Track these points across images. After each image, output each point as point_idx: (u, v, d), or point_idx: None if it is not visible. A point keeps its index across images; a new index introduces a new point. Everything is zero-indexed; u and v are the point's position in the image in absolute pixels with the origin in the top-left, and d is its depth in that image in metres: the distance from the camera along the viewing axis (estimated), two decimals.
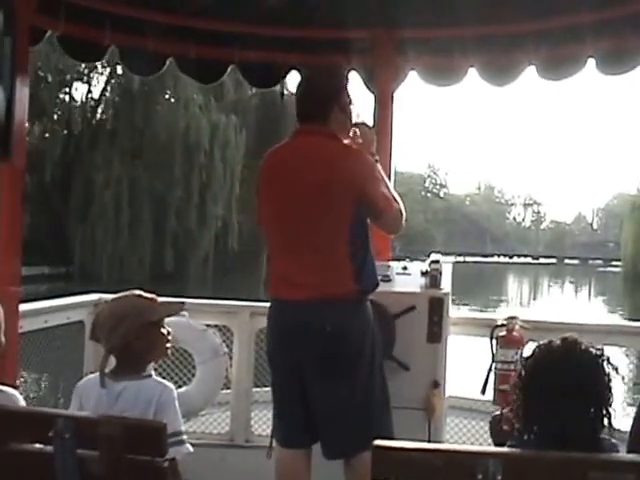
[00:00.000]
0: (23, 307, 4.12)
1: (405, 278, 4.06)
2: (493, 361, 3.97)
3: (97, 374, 2.71)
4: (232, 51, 4.95)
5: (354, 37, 4.95)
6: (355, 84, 4.98)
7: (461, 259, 68.00)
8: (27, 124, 4.23)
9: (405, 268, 4.15)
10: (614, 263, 77.45)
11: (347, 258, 3.28)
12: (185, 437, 2.63)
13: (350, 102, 3.50)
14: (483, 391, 4.06)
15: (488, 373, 3.99)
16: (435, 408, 3.78)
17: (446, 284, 3.90)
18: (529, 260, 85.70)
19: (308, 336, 3.26)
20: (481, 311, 27.95)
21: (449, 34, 4.86)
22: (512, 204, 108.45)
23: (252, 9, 4.67)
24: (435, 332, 3.78)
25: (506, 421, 2.87)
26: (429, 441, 3.69)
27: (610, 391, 2.21)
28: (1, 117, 3.97)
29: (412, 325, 3.77)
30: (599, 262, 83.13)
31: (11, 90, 4.00)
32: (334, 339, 3.23)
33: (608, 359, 2.24)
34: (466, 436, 4.67)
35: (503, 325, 4.03)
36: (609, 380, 2.21)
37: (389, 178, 3.75)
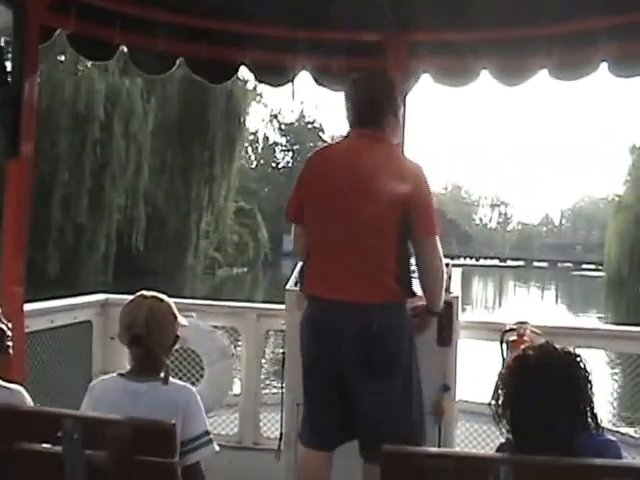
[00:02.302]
0: (29, 307, 4.12)
1: (415, 282, 4.03)
2: (503, 365, 3.94)
3: (114, 375, 2.71)
4: (243, 51, 4.94)
5: (367, 39, 4.94)
6: None
7: None
8: None
9: (414, 272, 4.13)
10: (584, 266, 77.13)
11: (392, 264, 3.31)
12: (212, 435, 2.67)
13: (400, 108, 3.58)
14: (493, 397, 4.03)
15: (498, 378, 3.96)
16: (445, 412, 3.76)
17: (456, 288, 3.88)
18: (496, 262, 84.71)
19: (352, 334, 3.25)
20: None
21: (462, 36, 4.84)
22: (479, 205, 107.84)
23: (263, 9, 4.66)
24: (445, 336, 3.77)
25: None
26: (439, 445, 3.68)
27: (589, 390, 2.25)
28: (10, 116, 3.97)
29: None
30: (569, 265, 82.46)
31: (20, 88, 3.99)
32: (380, 339, 3.24)
33: (583, 360, 2.29)
34: (476, 440, 4.65)
35: (513, 329, 4.02)
36: (587, 380, 2.26)
37: None
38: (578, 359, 2.28)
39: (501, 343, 4.03)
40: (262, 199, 66.43)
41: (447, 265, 3.87)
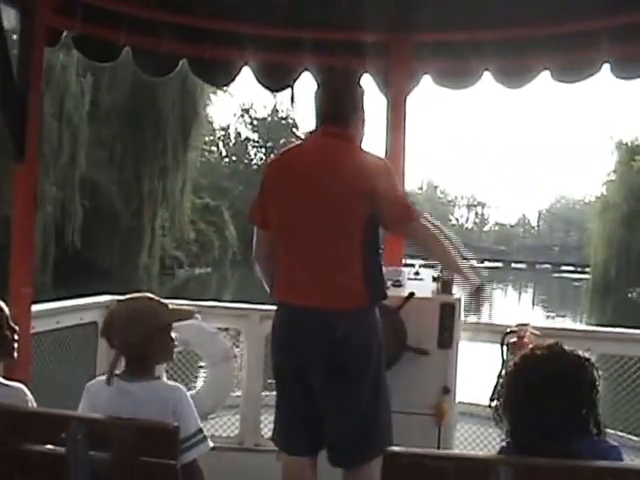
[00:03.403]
0: (36, 308, 4.14)
1: (417, 283, 4.05)
2: (503, 367, 3.96)
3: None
4: (246, 52, 4.95)
5: (369, 40, 4.95)
6: (368, 87, 5.00)
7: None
8: None
9: (417, 274, 4.15)
10: (564, 268, 75.83)
11: (359, 267, 3.24)
12: (206, 433, 2.67)
13: (364, 105, 3.48)
14: (493, 398, 4.05)
15: (498, 379, 3.98)
16: (445, 414, 3.77)
17: (457, 290, 3.89)
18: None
19: (317, 341, 3.22)
20: None
21: (465, 38, 4.85)
22: (455, 205, 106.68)
23: (266, 10, 4.68)
24: (446, 338, 3.77)
25: None
26: (439, 447, 3.69)
27: (594, 395, 2.23)
28: (16, 119, 3.99)
29: (423, 330, 3.76)
30: (547, 267, 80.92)
31: (26, 91, 4.01)
32: (343, 345, 3.20)
33: (592, 363, 2.26)
34: (475, 442, 4.66)
35: (514, 332, 4.02)
36: (594, 384, 2.23)
37: (402, 182, 3.74)
38: (587, 363, 2.26)
39: (502, 345, 4.04)
40: (235, 197, 62.57)
41: None
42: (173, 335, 2.82)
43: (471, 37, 4.84)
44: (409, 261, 3.81)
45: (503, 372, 2.37)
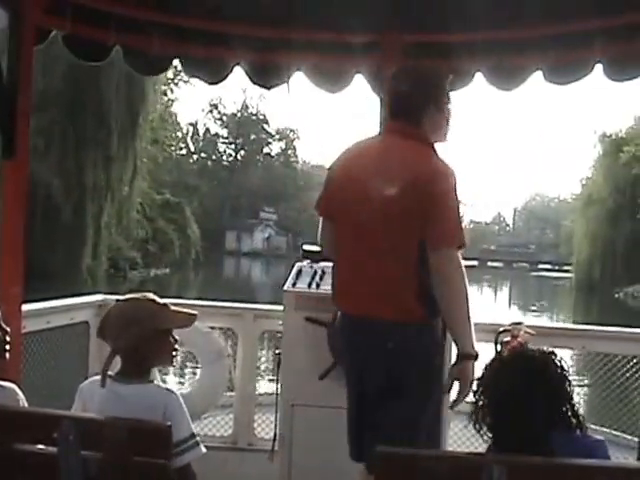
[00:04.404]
0: (26, 307, 4.12)
1: None
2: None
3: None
4: (238, 52, 4.94)
5: (362, 40, 4.94)
6: (361, 88, 4.99)
7: None
8: None
9: None
10: (541, 266, 75.75)
11: (415, 283, 3.12)
12: (198, 438, 2.65)
13: (449, 102, 3.32)
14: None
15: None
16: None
17: None
18: None
19: (372, 349, 3.18)
20: None
21: (456, 38, 4.85)
22: None
23: (258, 10, 4.67)
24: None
25: None
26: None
27: (566, 389, 2.25)
28: (5, 116, 3.98)
29: None
30: (524, 265, 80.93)
31: (15, 89, 4.01)
32: (396, 357, 3.13)
33: (558, 359, 2.28)
34: (470, 441, 4.65)
35: (508, 330, 4.02)
36: (563, 379, 2.26)
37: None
38: (552, 358, 2.27)
39: (495, 344, 4.04)
40: (204, 194, 62.54)
41: None
42: (172, 339, 2.80)
43: (464, 37, 4.84)
44: None
45: (477, 382, 2.38)
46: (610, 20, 4.42)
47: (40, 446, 2.33)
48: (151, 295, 2.81)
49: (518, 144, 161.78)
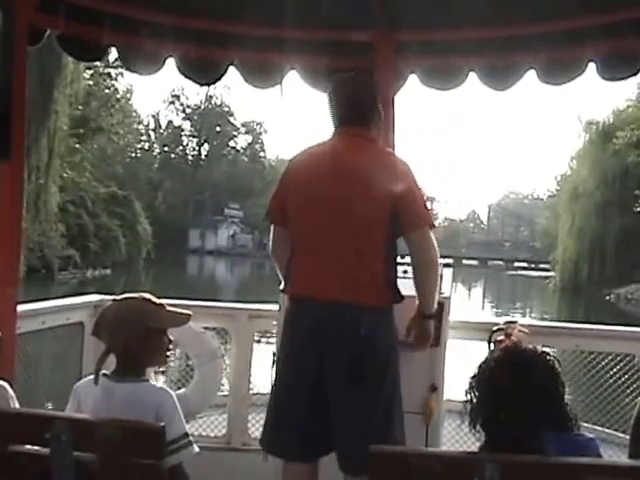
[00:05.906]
0: (21, 308, 4.12)
1: (406, 282, 4.04)
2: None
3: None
4: (231, 52, 4.93)
5: (354, 39, 4.94)
6: None
7: None
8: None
9: (406, 272, 4.14)
10: (517, 264, 74.72)
11: (382, 265, 3.29)
12: (191, 438, 2.65)
13: (381, 109, 3.57)
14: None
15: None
16: (433, 412, 3.77)
17: (446, 289, 3.88)
18: None
19: (340, 338, 3.20)
20: None
21: (450, 37, 4.85)
22: None
23: (252, 9, 4.67)
24: (434, 336, 3.76)
25: None
26: (427, 445, 3.69)
27: (557, 388, 2.25)
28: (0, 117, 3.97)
29: None
30: (500, 263, 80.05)
31: (9, 90, 3.99)
32: (367, 345, 3.17)
33: (548, 358, 2.28)
34: (463, 439, 4.65)
35: (501, 329, 4.03)
36: (553, 378, 2.26)
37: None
38: (543, 357, 2.28)
39: (489, 343, 4.04)
40: (167, 190, 60.48)
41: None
42: (167, 339, 2.81)
43: (456, 36, 4.83)
44: (398, 260, 3.80)
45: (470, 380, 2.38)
46: (602, 18, 4.42)
47: (33, 447, 2.33)
48: (147, 295, 2.83)
49: (492, 141, 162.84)
